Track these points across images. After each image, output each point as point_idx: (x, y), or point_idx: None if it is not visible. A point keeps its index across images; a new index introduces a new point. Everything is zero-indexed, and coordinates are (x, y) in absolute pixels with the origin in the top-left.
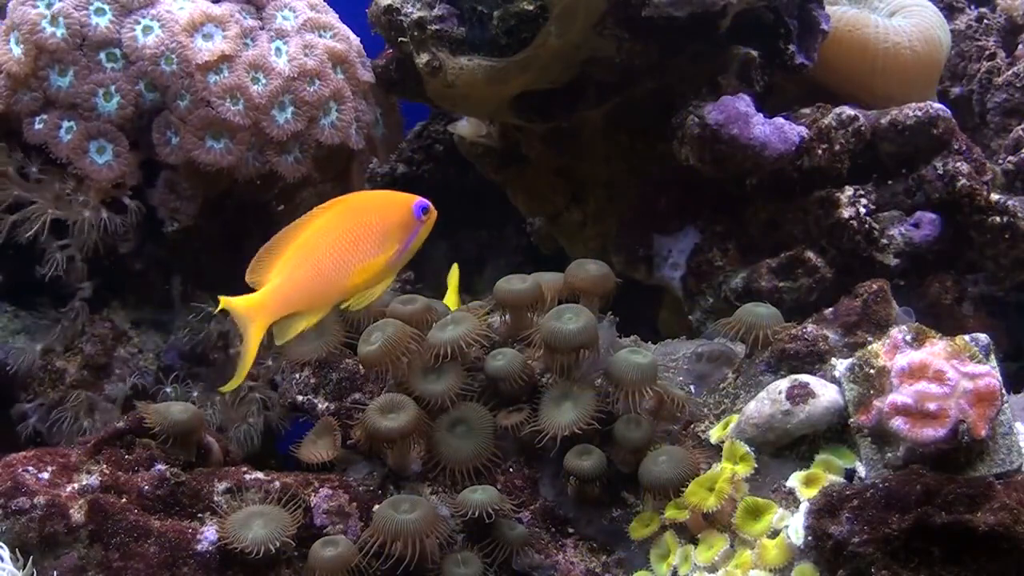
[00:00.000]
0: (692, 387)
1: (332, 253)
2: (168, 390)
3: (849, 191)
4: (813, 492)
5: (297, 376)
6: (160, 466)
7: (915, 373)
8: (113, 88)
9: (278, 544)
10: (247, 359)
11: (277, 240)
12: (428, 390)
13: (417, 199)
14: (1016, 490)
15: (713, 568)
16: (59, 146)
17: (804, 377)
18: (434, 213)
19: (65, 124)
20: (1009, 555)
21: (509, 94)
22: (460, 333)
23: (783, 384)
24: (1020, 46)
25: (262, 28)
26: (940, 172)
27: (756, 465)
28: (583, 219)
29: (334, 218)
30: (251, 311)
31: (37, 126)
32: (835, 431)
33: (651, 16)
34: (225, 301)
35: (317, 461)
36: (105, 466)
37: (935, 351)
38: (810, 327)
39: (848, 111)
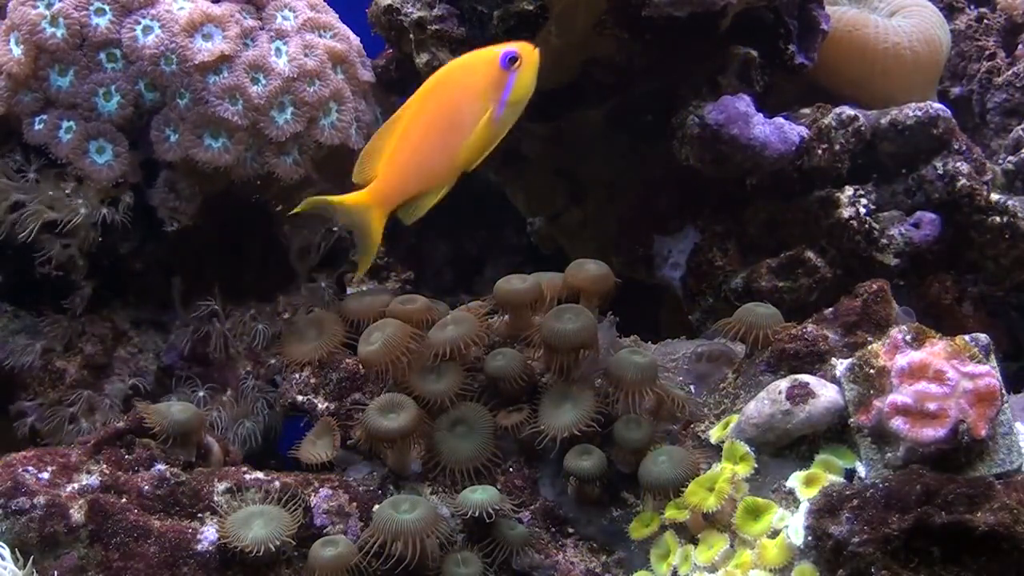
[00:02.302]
0: (692, 387)
1: (431, 133)
2: (174, 399)
3: (849, 191)
4: (813, 492)
5: (297, 376)
6: (160, 466)
7: (915, 373)
8: (113, 88)
9: (278, 544)
10: (372, 250)
11: (379, 135)
12: (428, 390)
13: (503, 49)
14: (1016, 490)
15: (713, 568)
16: (59, 146)
17: (804, 377)
18: (529, 55)
19: (64, 124)
20: (1009, 555)
21: None
22: (460, 333)
23: (783, 384)
24: (1020, 46)
25: (262, 28)
26: (940, 172)
27: (756, 465)
28: (583, 219)
29: (425, 98)
30: (368, 201)
31: (37, 127)
32: (835, 431)
33: (651, 16)
34: (337, 199)
35: (317, 461)
36: (105, 466)
37: (935, 351)
38: (810, 327)
39: (848, 111)
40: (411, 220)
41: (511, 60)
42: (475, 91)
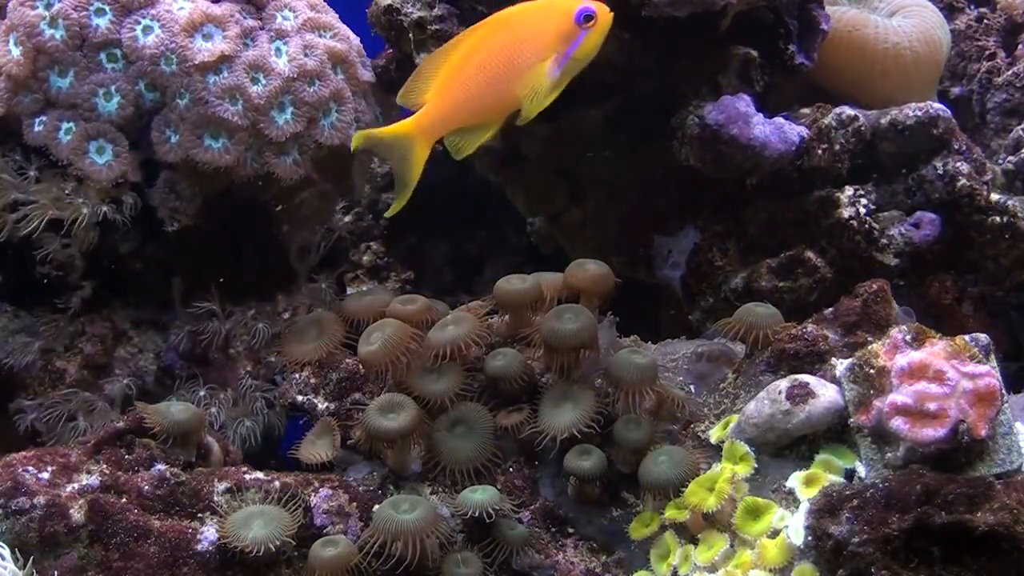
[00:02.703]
0: (692, 387)
1: (488, 66)
2: (173, 398)
3: (849, 191)
4: (813, 492)
5: (297, 376)
6: (160, 466)
7: (915, 373)
8: (113, 88)
9: (278, 544)
10: (412, 184)
11: (430, 60)
12: (428, 390)
13: (581, 5)
14: (1016, 490)
15: (713, 568)
16: (59, 147)
17: (804, 377)
18: (604, 16)
19: (64, 125)
20: (1009, 555)
21: None
22: (460, 333)
23: (783, 384)
24: (1020, 46)
25: (262, 28)
26: (940, 172)
27: (756, 465)
28: (583, 219)
29: (488, 32)
30: (413, 130)
31: (37, 128)
32: (835, 431)
33: (651, 16)
34: (381, 131)
35: (317, 461)
36: (105, 466)
37: (935, 351)
38: (810, 327)
39: (848, 111)
40: (460, 156)
41: (586, 18)
42: (542, 37)
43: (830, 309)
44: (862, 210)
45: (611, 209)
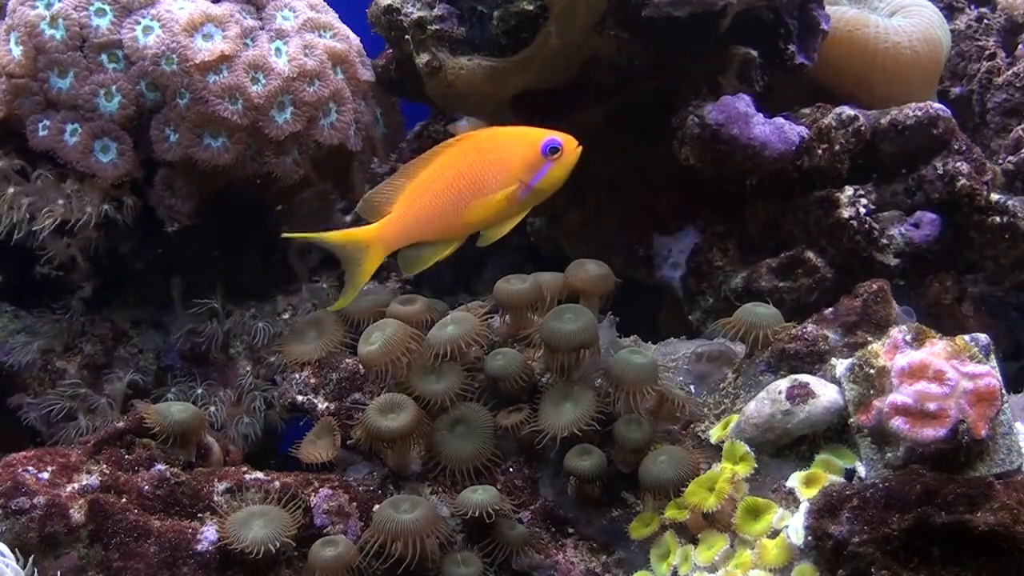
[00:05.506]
0: (692, 387)
1: (450, 187)
2: (171, 396)
3: (849, 191)
4: (813, 492)
5: (297, 376)
6: (160, 466)
7: (915, 373)
8: (114, 88)
9: (278, 544)
10: (358, 286)
11: (398, 175)
12: (428, 390)
13: (548, 136)
14: (1016, 490)
15: (713, 568)
16: (66, 149)
17: (804, 377)
18: (570, 152)
19: (70, 127)
20: (1009, 555)
21: (509, 94)
22: (460, 333)
23: (783, 384)
24: (1020, 46)
25: (262, 28)
26: (940, 172)
27: (756, 465)
28: (583, 219)
29: (456, 154)
30: (371, 239)
31: (41, 132)
32: (835, 431)
33: (651, 16)
34: (339, 234)
35: (317, 461)
36: (105, 466)
37: (935, 351)
38: (810, 327)
39: (848, 111)
40: (411, 272)
41: (552, 150)
42: (508, 165)
43: (830, 309)
44: (862, 210)
45: (611, 209)
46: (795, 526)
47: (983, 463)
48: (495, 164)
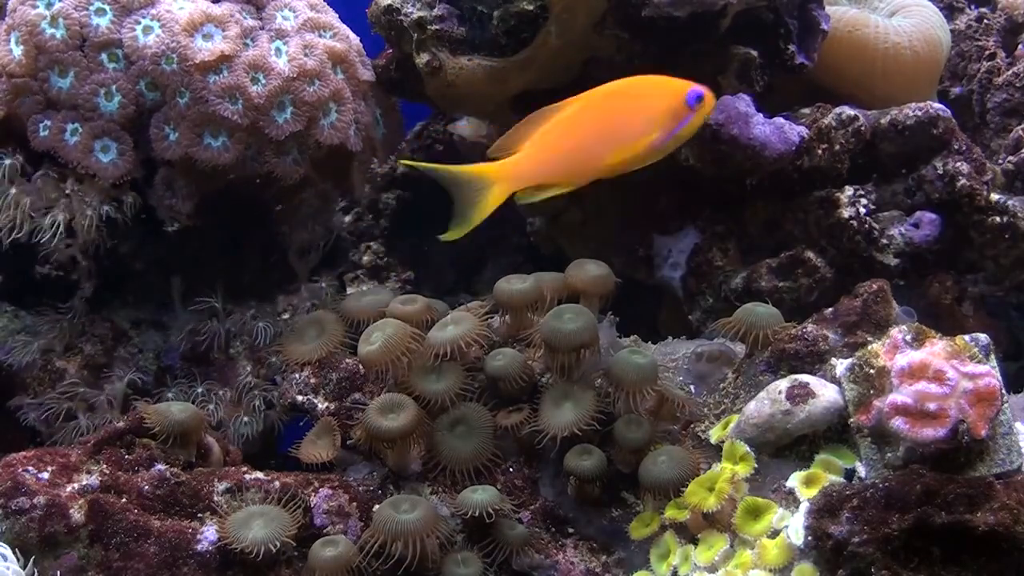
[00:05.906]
0: (692, 387)
1: (593, 129)
2: (171, 396)
3: (849, 191)
4: (813, 492)
5: (297, 376)
6: (160, 466)
7: (915, 373)
8: (114, 88)
9: (278, 544)
10: (475, 222)
11: (539, 113)
12: (428, 390)
13: (693, 86)
14: (1016, 490)
15: (713, 568)
16: (67, 149)
17: (804, 377)
18: (709, 101)
19: (70, 127)
20: (1009, 555)
21: (509, 94)
22: (460, 333)
23: (783, 384)
24: (1020, 46)
25: (262, 28)
26: (940, 172)
27: (756, 465)
28: (583, 219)
29: (598, 99)
30: (496, 175)
31: (43, 133)
32: (835, 431)
33: (651, 16)
34: (465, 168)
35: (317, 461)
36: (105, 466)
37: (935, 351)
38: (810, 327)
39: (848, 111)
40: (526, 202)
41: (698, 99)
42: (652, 112)
43: (830, 309)
44: (862, 210)
45: (611, 209)
46: (795, 526)
47: (983, 463)
48: (639, 111)
